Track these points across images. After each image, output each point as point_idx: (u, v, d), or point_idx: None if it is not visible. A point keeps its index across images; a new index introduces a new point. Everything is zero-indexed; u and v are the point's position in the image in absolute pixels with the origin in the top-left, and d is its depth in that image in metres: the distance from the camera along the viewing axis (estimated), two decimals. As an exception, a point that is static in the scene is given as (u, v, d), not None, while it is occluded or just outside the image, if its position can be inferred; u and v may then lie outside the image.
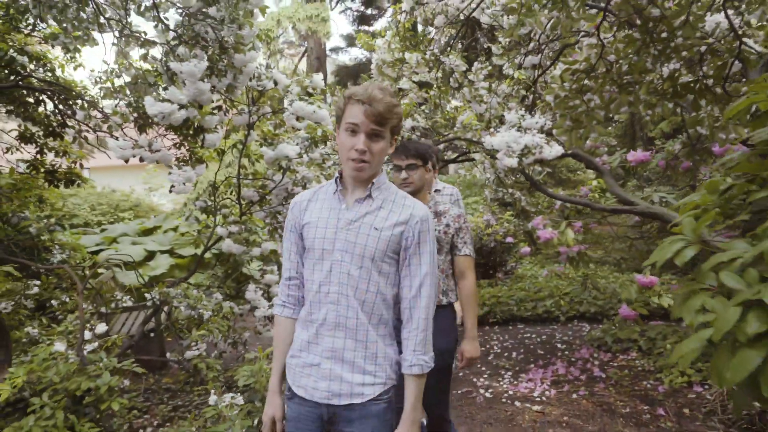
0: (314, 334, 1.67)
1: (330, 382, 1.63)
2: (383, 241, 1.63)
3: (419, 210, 1.68)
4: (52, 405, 3.09)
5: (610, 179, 4.48)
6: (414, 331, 1.65)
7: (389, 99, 1.60)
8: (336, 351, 1.64)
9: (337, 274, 1.64)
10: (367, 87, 1.62)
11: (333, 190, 1.72)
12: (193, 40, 4.07)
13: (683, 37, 2.47)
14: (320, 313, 1.66)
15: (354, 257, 1.63)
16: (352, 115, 1.60)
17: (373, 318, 1.65)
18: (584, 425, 3.75)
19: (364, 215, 1.66)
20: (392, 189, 1.74)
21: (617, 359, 4.94)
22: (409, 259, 1.66)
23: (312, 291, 1.68)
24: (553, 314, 6.55)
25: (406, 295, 1.67)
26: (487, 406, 4.21)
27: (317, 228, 1.68)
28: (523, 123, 4.52)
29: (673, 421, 3.70)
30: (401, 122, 1.69)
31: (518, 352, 5.46)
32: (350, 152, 1.60)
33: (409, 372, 1.64)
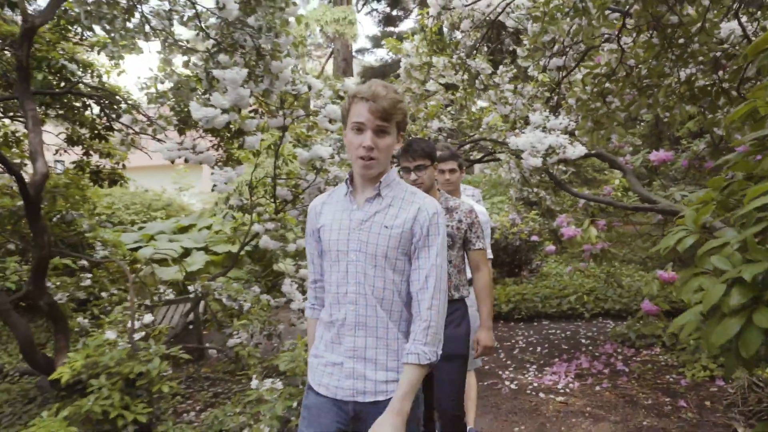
0: (336, 334, 1.70)
1: (354, 381, 1.66)
2: (394, 239, 1.65)
3: (427, 204, 1.70)
4: (109, 387, 3.36)
5: (632, 178, 4.59)
6: (418, 322, 1.65)
7: (393, 95, 1.62)
8: (358, 350, 1.66)
9: (354, 274, 1.66)
10: (371, 85, 1.64)
11: (344, 191, 1.75)
12: (231, 48, 4.33)
13: (700, 43, 2.61)
14: (340, 314, 1.68)
15: (368, 256, 1.65)
16: (357, 113, 1.62)
17: (393, 315, 1.68)
18: (606, 415, 3.89)
19: (374, 214, 1.68)
20: (402, 185, 1.75)
21: (640, 354, 5.05)
22: (418, 252, 1.68)
23: (331, 292, 1.72)
24: (578, 311, 6.66)
25: (414, 288, 1.68)
26: (512, 396, 4.37)
27: (331, 230, 1.71)
28: (548, 124, 4.66)
29: (694, 412, 3.81)
30: (406, 118, 1.71)
31: (543, 347, 5.60)
32: (358, 150, 1.63)
33: (405, 360, 1.62)
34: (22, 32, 3.38)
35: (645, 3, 2.63)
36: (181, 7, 4.37)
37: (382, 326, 1.66)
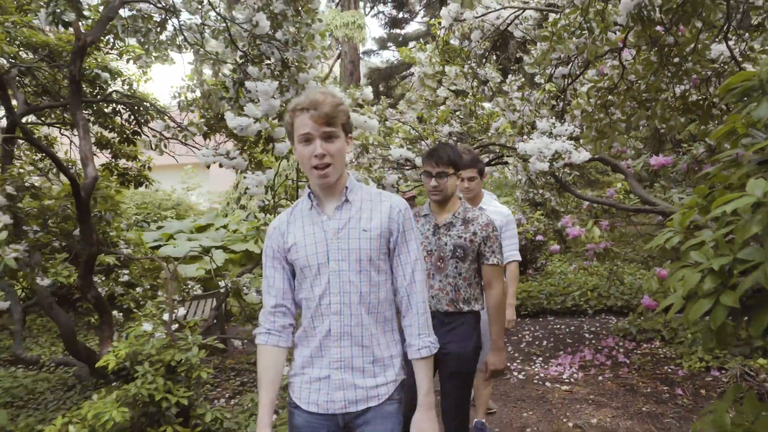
0: (317, 347, 1.67)
1: (345, 392, 1.65)
2: (375, 240, 1.66)
3: (396, 201, 1.73)
4: (152, 372, 3.68)
5: (633, 181, 4.89)
6: (415, 317, 1.69)
7: (332, 99, 1.62)
8: (344, 360, 1.65)
9: (337, 284, 1.64)
10: (308, 94, 1.65)
11: (308, 206, 1.72)
12: (257, 59, 4.65)
13: (693, 62, 2.90)
14: (323, 325, 1.66)
15: (351, 263, 1.64)
16: (301, 125, 1.61)
17: (378, 317, 1.69)
18: (608, 402, 4.19)
19: (349, 220, 1.67)
20: (365, 188, 1.77)
21: (641, 347, 5.35)
22: (398, 248, 1.70)
23: (311, 307, 1.68)
24: (582, 308, 6.96)
25: (402, 284, 1.70)
26: (521, 386, 4.68)
27: (306, 246, 1.68)
28: (554, 130, 4.96)
29: (690, 399, 4.11)
30: (350, 119, 1.71)
31: (548, 341, 5.90)
32: (311, 160, 1.61)
33: (418, 356, 1.67)
34: (75, 49, 3.70)
35: (644, 25, 2.93)
36: (212, 21, 4.68)
37: (367, 333, 1.66)
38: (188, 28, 4.91)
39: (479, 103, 6.30)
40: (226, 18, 4.55)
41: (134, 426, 3.55)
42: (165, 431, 3.56)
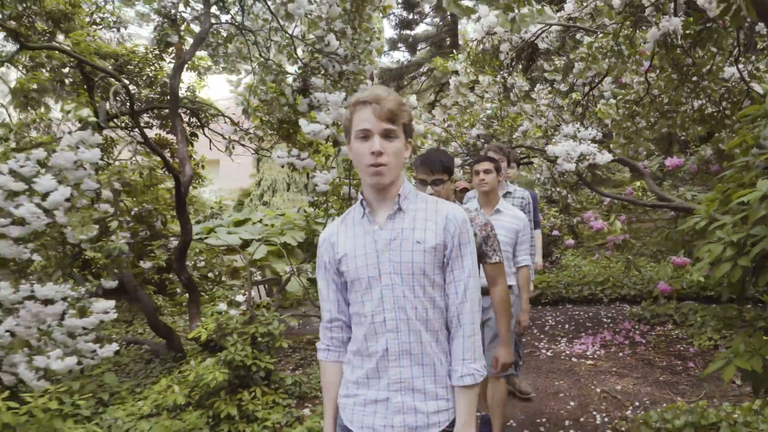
0: (374, 368, 1.57)
1: (405, 416, 1.54)
2: (429, 254, 1.55)
3: (455, 212, 1.61)
4: (241, 342, 4.29)
5: (650, 180, 5.49)
6: (461, 338, 1.57)
7: (395, 96, 1.53)
8: (404, 381, 1.54)
9: (390, 299, 1.55)
10: (371, 89, 1.54)
11: (360, 214, 1.63)
12: (316, 70, 5.26)
13: (708, 81, 3.49)
14: (379, 344, 1.56)
15: (404, 277, 1.54)
16: (361, 120, 1.51)
17: (438, 335, 1.59)
18: (629, 373, 4.80)
19: (402, 230, 1.56)
20: (420, 196, 1.65)
21: (655, 330, 5.95)
22: (452, 264, 1.58)
23: (365, 324, 1.58)
24: (598, 296, 7.57)
25: (453, 302, 1.58)
26: (549, 361, 5.29)
27: (356, 257, 1.59)
28: (578, 134, 5.56)
29: (701, 371, 4.72)
30: (412, 121, 1.61)
31: (570, 325, 6.51)
32: (366, 158, 1.50)
33: (460, 383, 1.54)
34: (175, 67, 4.32)
35: (667, 50, 3.53)
36: (280, 38, 5.28)
37: (428, 351, 1.55)
38: (254, 43, 5.51)
39: (505, 107, 6.90)
40: (292, 36, 5.16)
41: (228, 386, 4.16)
42: (254, 391, 4.18)
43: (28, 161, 2.75)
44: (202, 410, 4.10)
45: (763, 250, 1.86)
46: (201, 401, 4.17)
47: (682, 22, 3.36)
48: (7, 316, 2.81)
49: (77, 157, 2.99)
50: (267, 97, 5.58)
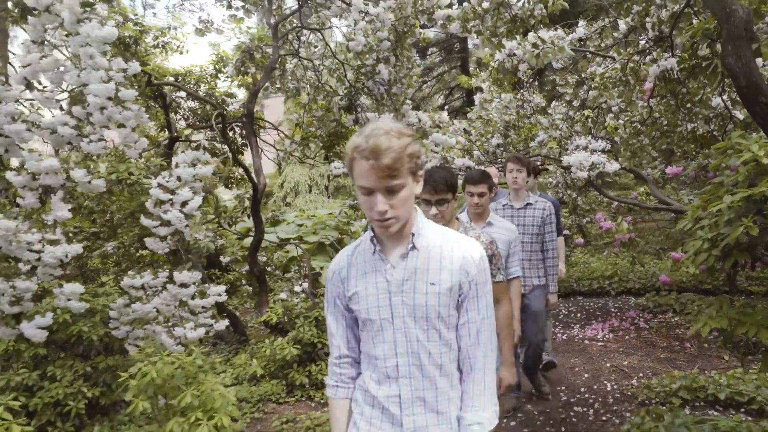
0: (386, 414, 1.51)
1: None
2: (444, 296, 1.47)
3: (471, 250, 1.52)
4: (308, 324, 5.11)
5: (652, 186, 6.28)
6: (471, 384, 1.50)
7: (397, 143, 1.36)
8: (418, 430, 1.48)
9: (404, 344, 1.48)
10: (369, 135, 1.37)
11: (371, 249, 1.54)
12: (363, 91, 6.07)
13: (699, 107, 4.27)
14: (392, 390, 1.49)
15: (418, 320, 1.47)
16: (360, 174, 1.38)
17: (453, 379, 1.52)
18: (635, 352, 5.60)
19: (415, 271, 1.48)
20: (434, 230, 1.56)
21: (657, 317, 6.75)
22: (467, 304, 1.51)
23: (377, 367, 1.52)
24: (606, 289, 8.36)
25: (465, 344, 1.51)
26: (565, 343, 6.09)
27: (368, 297, 1.51)
28: (590, 146, 6.36)
29: (696, 350, 5.52)
30: (419, 159, 1.46)
31: (581, 314, 7.32)
32: (372, 213, 1.42)
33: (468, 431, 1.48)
34: (252, 91, 5.14)
35: (666, 82, 4.32)
36: (330, 63, 6.09)
37: (443, 398, 1.49)
38: (306, 68, 6.34)
39: (522, 119, 7.71)
40: (343, 62, 5.97)
41: (298, 360, 4.98)
42: (320, 364, 5.00)
43: (172, 177, 3.58)
44: (277, 380, 4.93)
45: (728, 244, 2.66)
46: (276, 372, 4.99)
47: (677, 60, 4.16)
48: (153, 298, 3.65)
49: (195, 171, 3.82)
50: (318, 114, 6.41)
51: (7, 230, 2.95)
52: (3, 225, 2.93)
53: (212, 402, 3.31)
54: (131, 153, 3.48)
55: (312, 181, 16.24)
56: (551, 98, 7.49)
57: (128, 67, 3.35)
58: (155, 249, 3.62)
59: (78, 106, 3.35)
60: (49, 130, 3.37)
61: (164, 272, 3.72)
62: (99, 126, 3.33)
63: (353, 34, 5.16)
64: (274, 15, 5.42)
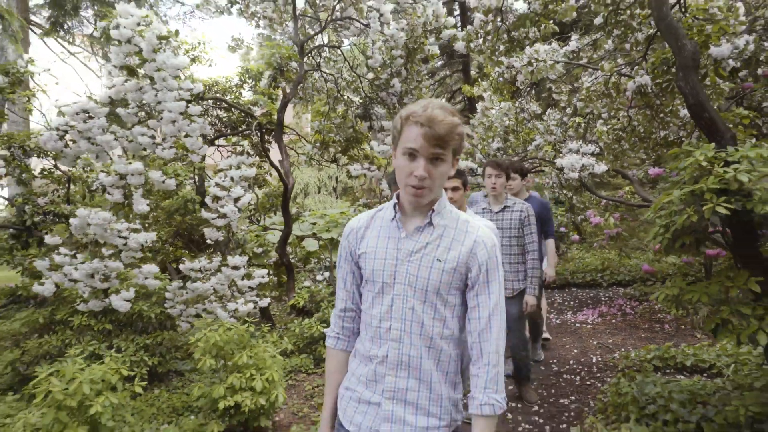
0: (373, 372, 1.58)
1: (392, 425, 1.54)
2: (448, 274, 1.52)
3: (485, 236, 1.57)
4: (331, 306, 5.83)
5: (637, 186, 7.00)
6: (485, 367, 1.52)
7: (450, 119, 1.45)
8: (398, 392, 1.54)
9: (399, 310, 1.54)
10: (426, 106, 1.45)
11: (390, 216, 1.62)
12: (377, 101, 6.80)
13: (670, 117, 4.98)
14: (380, 350, 1.57)
15: (417, 291, 1.53)
16: (410, 138, 1.45)
17: (441, 355, 1.56)
18: (619, 333, 6.32)
19: (426, 245, 1.55)
20: (453, 213, 1.62)
21: (642, 305, 7.46)
22: (478, 288, 1.54)
23: (371, 326, 1.59)
24: (598, 281, 9.09)
25: (475, 329, 1.54)
26: (558, 327, 6.81)
27: (375, 259, 1.59)
28: (581, 149, 7.08)
29: (673, 330, 6.24)
30: (463, 141, 1.56)
31: (574, 302, 8.04)
32: (409, 178, 1.48)
33: (479, 412, 1.50)
34: (282, 102, 5.86)
35: (642, 95, 5.05)
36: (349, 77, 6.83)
37: (427, 368, 1.54)
38: (325, 80, 7.06)
39: (520, 125, 8.44)
40: (359, 75, 6.71)
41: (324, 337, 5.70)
42: (343, 341, 5.72)
43: (226, 177, 4.31)
44: (305, 354, 5.65)
45: (677, 229, 3.38)
46: (304, 348, 5.72)
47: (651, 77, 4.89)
48: (211, 278, 4.38)
49: (241, 173, 4.55)
50: (336, 122, 7.14)
51: (104, 220, 3.68)
52: (101, 216, 3.66)
53: (263, 362, 4.05)
54: (194, 158, 4.20)
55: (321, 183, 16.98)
56: (548, 105, 8.21)
57: (193, 87, 4.08)
58: (211, 237, 4.35)
59: (153, 120, 4.07)
60: (126, 138, 4.11)
61: (218, 257, 4.45)
62: (170, 136, 4.05)
63: (371, 53, 5.90)
64: (299, 35, 6.15)
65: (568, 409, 4.30)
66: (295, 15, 6.00)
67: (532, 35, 5.28)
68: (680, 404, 3.75)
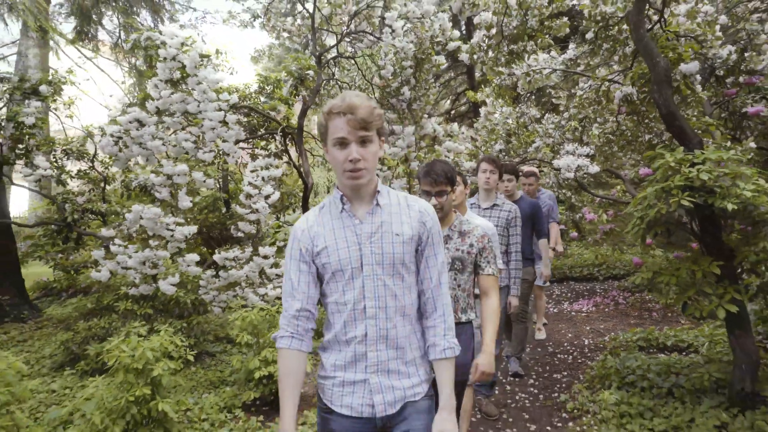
0: (353, 353, 1.67)
1: (383, 395, 1.66)
2: (407, 244, 1.68)
3: (425, 206, 1.77)
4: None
5: (628, 185, 7.54)
6: (440, 317, 1.73)
7: (368, 103, 1.61)
8: (381, 363, 1.66)
9: (372, 288, 1.65)
10: (344, 97, 1.61)
11: (338, 208, 1.71)
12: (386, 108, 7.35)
13: (654, 122, 5.51)
14: (358, 330, 1.66)
15: (385, 267, 1.65)
16: (336, 128, 1.60)
17: (411, 320, 1.72)
18: (610, 320, 6.88)
19: (381, 224, 1.68)
20: (392, 193, 1.77)
21: (634, 296, 8.01)
22: (427, 252, 1.74)
23: (346, 312, 1.67)
24: (594, 275, 9.64)
25: (428, 286, 1.73)
26: (555, 315, 7.37)
27: (338, 250, 1.66)
28: (577, 151, 7.64)
29: (660, 316, 6.78)
30: (383, 122, 1.70)
31: (571, 294, 8.59)
32: (345, 164, 1.60)
33: (443, 356, 1.69)
34: (302, 109, 6.44)
35: (629, 103, 5.60)
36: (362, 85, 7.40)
37: (403, 335, 1.69)
38: (341, 88, 7.63)
39: (521, 128, 9.00)
40: (370, 82, 7.28)
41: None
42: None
43: (258, 177, 4.89)
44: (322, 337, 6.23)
45: (650, 220, 3.94)
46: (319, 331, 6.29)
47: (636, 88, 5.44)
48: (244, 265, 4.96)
49: (270, 173, 5.13)
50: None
51: (155, 215, 4.26)
52: (153, 211, 4.25)
53: (291, 338, 4.63)
54: (230, 160, 4.78)
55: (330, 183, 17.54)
56: (547, 110, 8.77)
57: (230, 98, 4.66)
58: (245, 230, 4.93)
59: (194, 127, 4.66)
60: (171, 144, 4.70)
61: (249, 248, 5.04)
62: (209, 141, 4.64)
63: (383, 63, 6.47)
64: (317, 47, 6.73)
65: (561, 382, 4.86)
66: (313, 29, 6.58)
67: (529, 48, 5.84)
68: (656, 374, 4.31)
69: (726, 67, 6.21)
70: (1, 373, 2.87)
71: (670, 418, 3.71)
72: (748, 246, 3.77)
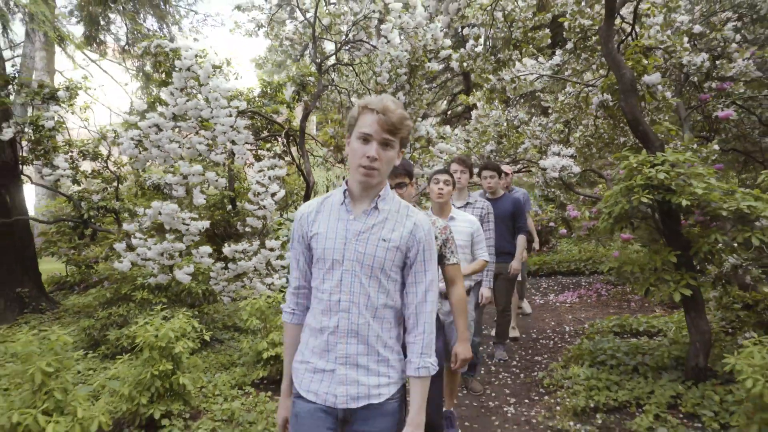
0: (325, 342, 1.72)
1: (347, 387, 1.69)
2: (391, 252, 1.70)
3: (422, 220, 1.78)
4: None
5: (610, 184, 8.03)
6: (420, 335, 1.73)
7: (401, 111, 1.66)
8: (350, 356, 1.70)
9: (348, 284, 1.68)
10: (382, 98, 1.66)
11: (340, 200, 1.76)
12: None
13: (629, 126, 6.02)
14: (331, 321, 1.70)
15: (364, 267, 1.68)
16: (365, 124, 1.65)
17: (384, 323, 1.73)
18: (591, 309, 7.37)
19: (372, 226, 1.71)
20: (396, 200, 1.80)
21: (616, 288, 8.50)
22: (416, 266, 1.75)
23: (323, 300, 1.72)
24: (581, 270, 10.13)
25: (412, 301, 1.75)
26: (540, 306, 7.86)
27: (327, 239, 1.72)
28: (562, 152, 8.13)
29: (637, 305, 7.28)
30: (409, 134, 1.73)
31: (557, 287, 9.08)
32: (362, 159, 1.64)
33: (416, 374, 1.71)
34: (304, 112, 6.91)
35: (605, 108, 6.09)
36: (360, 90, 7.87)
37: (374, 334, 1.71)
38: (340, 92, 8.10)
39: (511, 129, 9.49)
40: (367, 87, 7.75)
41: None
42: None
43: (266, 176, 5.37)
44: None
45: (616, 215, 4.42)
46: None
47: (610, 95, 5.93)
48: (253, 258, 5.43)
49: (274, 173, 5.60)
50: (348, 128, 8.16)
51: (173, 210, 4.73)
52: (171, 207, 4.72)
53: (296, 323, 5.11)
54: (239, 161, 5.25)
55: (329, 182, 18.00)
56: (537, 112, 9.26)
57: (239, 105, 5.13)
58: (253, 225, 5.41)
59: (207, 131, 5.13)
60: (186, 146, 5.16)
61: (256, 241, 5.51)
62: (220, 144, 5.11)
63: (379, 70, 6.95)
64: (318, 55, 7.20)
65: (541, 364, 5.35)
66: (314, 38, 7.05)
67: (515, 57, 6.32)
68: (624, 354, 4.79)
69: (700, 73, 6.72)
70: (52, 343, 3.34)
71: (633, 390, 4.18)
72: (703, 237, 4.23)
